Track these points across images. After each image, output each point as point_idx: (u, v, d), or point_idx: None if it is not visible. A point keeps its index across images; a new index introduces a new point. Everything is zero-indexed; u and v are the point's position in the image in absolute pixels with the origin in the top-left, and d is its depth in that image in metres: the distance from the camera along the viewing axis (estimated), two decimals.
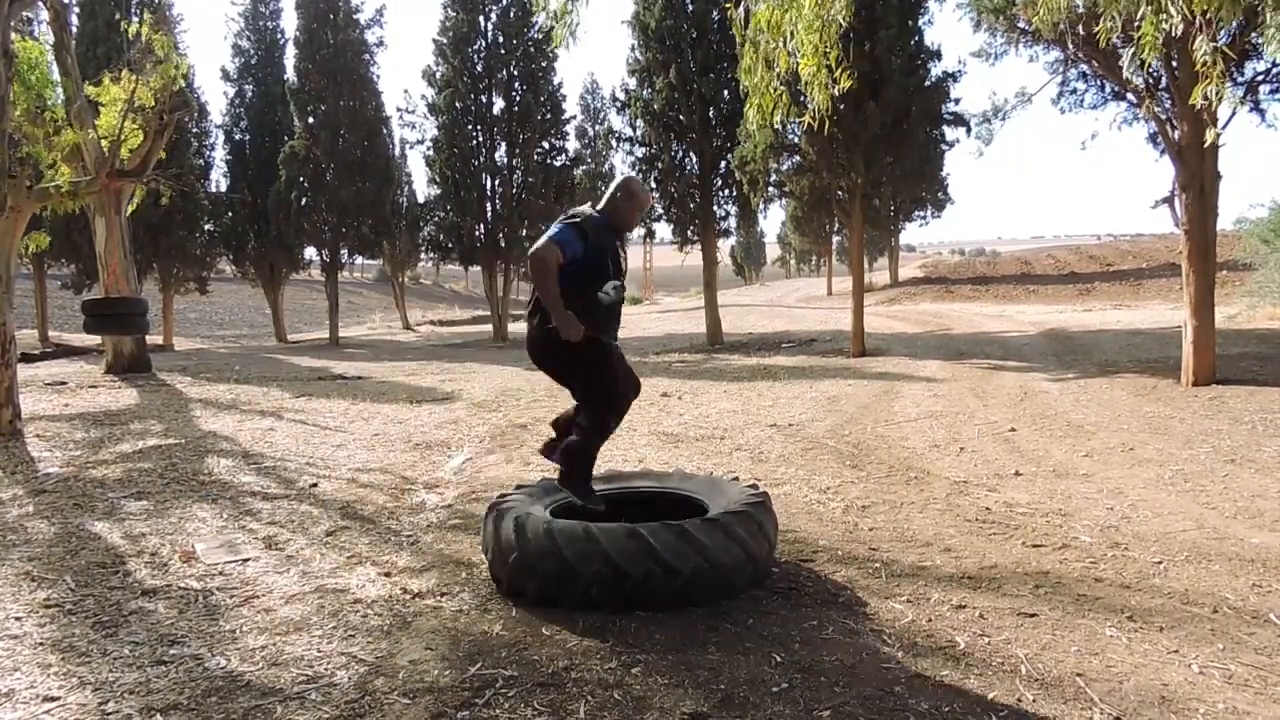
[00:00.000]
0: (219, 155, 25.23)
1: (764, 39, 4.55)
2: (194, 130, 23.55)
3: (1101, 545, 4.07)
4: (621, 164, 36.25)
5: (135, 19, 11.77)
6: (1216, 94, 3.94)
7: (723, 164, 16.46)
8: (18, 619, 3.31)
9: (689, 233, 17.46)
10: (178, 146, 19.63)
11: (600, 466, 5.72)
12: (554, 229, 3.57)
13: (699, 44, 16.30)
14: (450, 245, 20.87)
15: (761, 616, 3.22)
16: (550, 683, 2.71)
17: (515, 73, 20.27)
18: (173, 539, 4.37)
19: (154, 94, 11.44)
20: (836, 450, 6.44)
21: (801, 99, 4.98)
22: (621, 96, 17.77)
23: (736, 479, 4.60)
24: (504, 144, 20.38)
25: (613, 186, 3.82)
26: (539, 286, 3.51)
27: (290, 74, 22.55)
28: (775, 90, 4.65)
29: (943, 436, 6.92)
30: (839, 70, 4.72)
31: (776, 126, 5.07)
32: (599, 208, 3.74)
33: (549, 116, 20.47)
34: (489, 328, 23.03)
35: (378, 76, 22.37)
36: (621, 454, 6.47)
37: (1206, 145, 6.66)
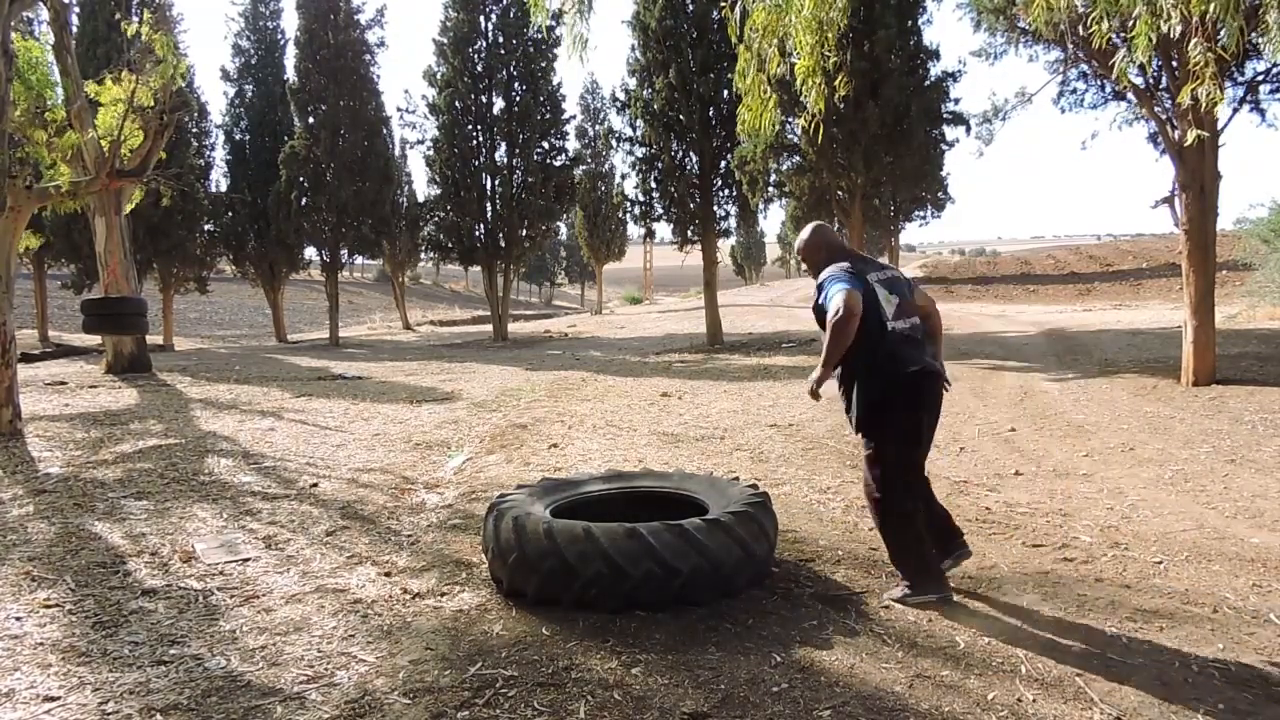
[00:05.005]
0: (219, 155, 25.25)
1: (758, 40, 4.56)
2: (194, 130, 23.54)
3: (1101, 545, 4.07)
4: (621, 164, 36.36)
5: (135, 19, 11.76)
6: (1208, 95, 3.94)
7: (723, 164, 16.45)
8: (18, 619, 3.31)
9: (689, 233, 17.45)
10: (178, 146, 19.62)
11: (600, 466, 5.74)
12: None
13: (699, 44, 16.29)
14: (450, 245, 20.86)
15: (761, 616, 3.22)
16: (550, 683, 2.71)
17: (515, 73, 20.25)
18: (173, 539, 4.37)
19: (154, 94, 11.44)
20: (837, 450, 6.44)
21: (798, 100, 4.98)
22: (621, 96, 17.75)
23: (737, 479, 4.60)
24: (504, 144, 20.36)
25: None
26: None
27: (290, 74, 22.55)
28: (765, 95, 4.65)
29: (943, 436, 6.90)
30: (839, 77, 4.72)
31: (769, 130, 5.06)
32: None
33: (549, 116, 20.45)
34: (489, 328, 23.02)
35: (378, 76, 22.35)
36: (621, 454, 6.47)
37: (1187, 145, 6.65)
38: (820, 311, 3.31)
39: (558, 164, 20.74)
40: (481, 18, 20.15)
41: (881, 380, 3.26)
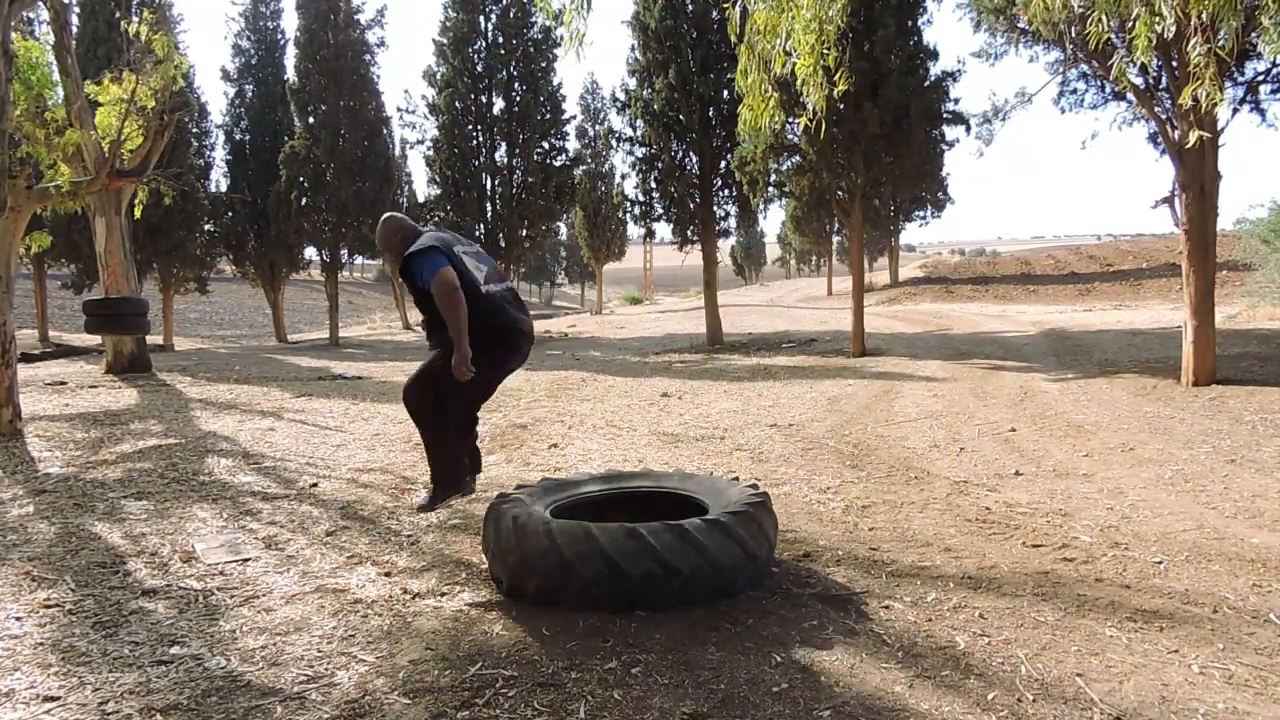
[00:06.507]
0: (219, 155, 25.28)
1: (760, 41, 4.57)
2: (194, 130, 23.54)
3: (1101, 545, 4.07)
4: (621, 164, 36.41)
5: (135, 19, 11.76)
6: (1208, 96, 3.95)
7: (723, 164, 16.46)
8: (18, 619, 3.31)
9: (689, 233, 17.46)
10: (178, 146, 19.63)
11: (601, 466, 5.74)
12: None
13: (699, 44, 16.30)
14: None
15: (761, 616, 3.22)
16: (550, 683, 2.71)
17: (515, 73, 20.28)
18: (173, 539, 4.37)
19: (154, 94, 11.44)
20: (837, 450, 6.44)
21: (798, 100, 4.99)
22: (621, 96, 17.76)
23: (736, 479, 4.59)
24: (504, 144, 20.38)
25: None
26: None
27: (290, 74, 22.58)
28: (767, 94, 4.67)
29: (943, 436, 6.91)
30: (838, 73, 4.73)
31: (770, 129, 5.08)
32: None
33: (549, 116, 20.47)
34: None
35: (378, 77, 22.39)
36: (622, 454, 6.47)
37: (1189, 146, 6.65)
38: (423, 294, 3.55)
39: (558, 164, 20.76)
40: (481, 18, 20.18)
41: (483, 332, 3.53)
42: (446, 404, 3.69)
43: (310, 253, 24.01)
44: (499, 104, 20.40)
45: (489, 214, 20.45)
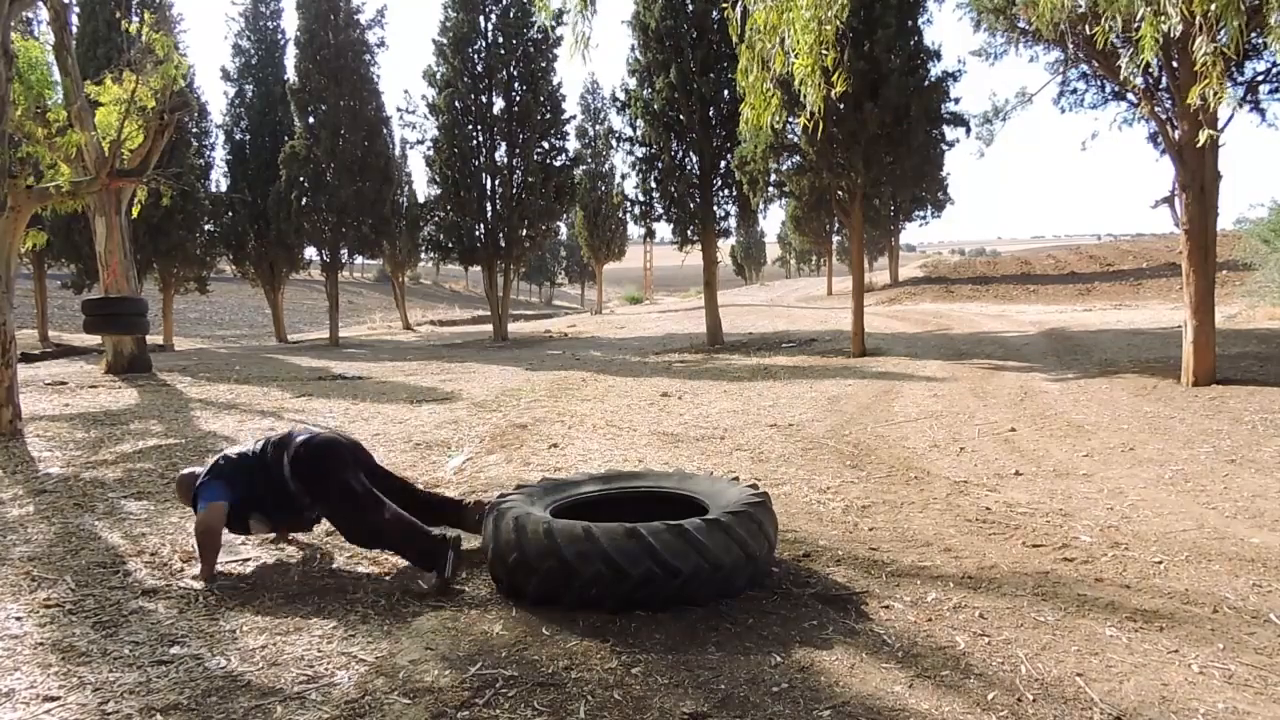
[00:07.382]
0: (219, 155, 25.25)
1: (760, 40, 4.57)
2: (194, 130, 23.53)
3: (1101, 545, 4.07)
4: (621, 164, 36.41)
5: (135, 19, 11.77)
6: (1215, 95, 3.95)
7: (723, 164, 16.45)
8: (18, 619, 3.30)
9: (689, 233, 17.44)
10: (178, 146, 19.62)
11: (601, 466, 5.73)
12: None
13: (699, 44, 16.28)
14: (450, 245, 20.86)
15: (761, 616, 3.22)
16: (550, 683, 2.71)
17: (515, 73, 20.25)
18: (173, 539, 4.37)
19: (154, 94, 11.45)
20: (837, 450, 6.44)
21: (799, 99, 4.99)
22: (621, 96, 17.75)
23: (736, 479, 4.60)
24: (504, 144, 20.36)
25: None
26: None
27: (290, 74, 22.56)
28: (768, 92, 4.67)
29: (943, 436, 6.91)
30: (836, 74, 4.73)
31: (770, 129, 5.09)
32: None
33: (549, 116, 20.44)
34: (489, 328, 23.03)
35: (378, 76, 22.37)
36: (622, 454, 6.47)
37: (1199, 146, 6.66)
38: (239, 508, 3.92)
39: (558, 164, 20.73)
40: (481, 18, 20.15)
41: (292, 471, 3.79)
42: (371, 512, 3.77)
43: (310, 253, 23.99)
44: (499, 104, 20.38)
45: (489, 214, 20.43)
